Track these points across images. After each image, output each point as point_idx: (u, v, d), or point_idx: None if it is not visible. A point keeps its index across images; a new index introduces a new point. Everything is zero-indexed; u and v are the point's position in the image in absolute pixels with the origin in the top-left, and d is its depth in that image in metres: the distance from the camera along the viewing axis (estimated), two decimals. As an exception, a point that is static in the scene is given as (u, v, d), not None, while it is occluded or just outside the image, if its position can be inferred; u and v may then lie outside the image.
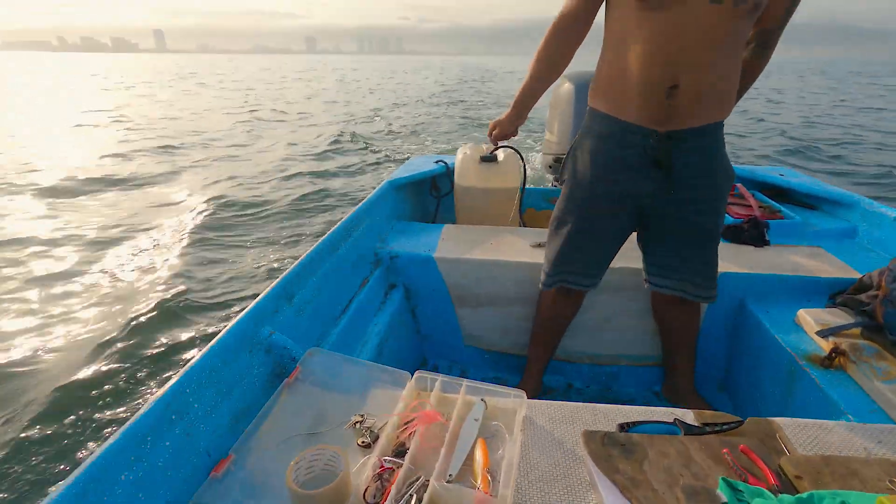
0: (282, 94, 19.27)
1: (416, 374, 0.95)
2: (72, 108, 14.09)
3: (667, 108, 1.09)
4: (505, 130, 1.45)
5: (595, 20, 1.22)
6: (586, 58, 1.27)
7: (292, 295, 1.22)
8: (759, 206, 1.99)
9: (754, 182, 2.34)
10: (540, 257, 1.65)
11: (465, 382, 0.94)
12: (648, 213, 1.25)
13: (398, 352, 1.65)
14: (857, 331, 1.29)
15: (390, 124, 10.73)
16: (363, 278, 1.60)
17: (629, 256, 1.45)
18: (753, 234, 1.75)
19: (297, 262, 1.29)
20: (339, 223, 1.59)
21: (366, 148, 8.06)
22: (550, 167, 2.82)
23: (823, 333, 1.29)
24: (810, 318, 1.36)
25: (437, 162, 2.37)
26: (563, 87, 2.61)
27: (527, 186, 2.18)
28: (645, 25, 1.05)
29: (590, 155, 1.24)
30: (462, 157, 2.06)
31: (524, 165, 2.12)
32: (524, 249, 1.70)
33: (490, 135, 1.49)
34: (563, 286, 1.37)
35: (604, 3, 1.17)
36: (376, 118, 11.89)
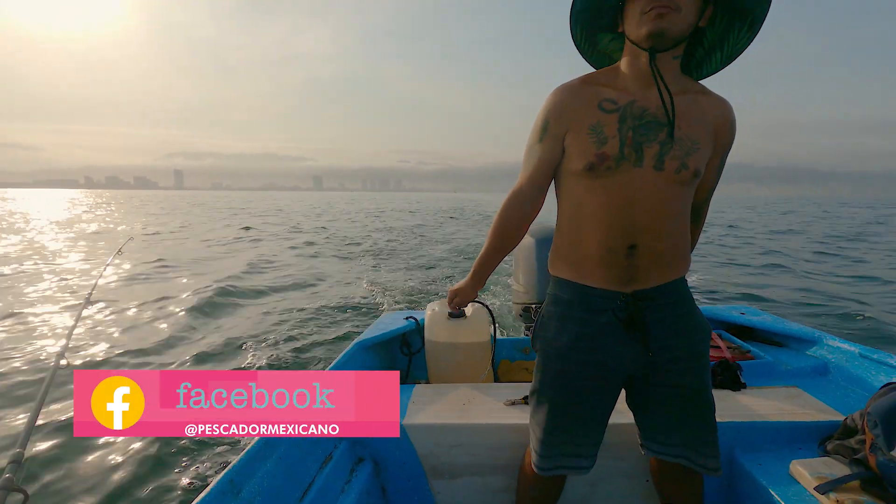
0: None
1: None
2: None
3: (628, 269, 1.10)
4: (466, 298, 1.46)
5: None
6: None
7: (240, 487, 1.09)
8: (728, 347, 2.00)
9: (717, 321, 2.37)
10: (514, 416, 1.56)
11: None
12: (633, 380, 1.20)
13: None
14: (856, 483, 1.21)
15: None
16: (327, 454, 1.46)
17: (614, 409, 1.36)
18: (727, 377, 1.72)
19: (249, 446, 1.17)
20: None
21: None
22: (521, 315, 2.84)
23: (823, 489, 1.20)
24: (805, 472, 1.27)
25: (406, 318, 2.37)
26: (524, 240, 2.76)
27: (498, 337, 2.18)
28: (598, 193, 1.09)
29: (559, 322, 1.20)
30: (431, 314, 2.07)
31: (493, 318, 2.14)
32: (496, 409, 1.62)
33: (450, 303, 1.50)
34: (561, 470, 1.22)
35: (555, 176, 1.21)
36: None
